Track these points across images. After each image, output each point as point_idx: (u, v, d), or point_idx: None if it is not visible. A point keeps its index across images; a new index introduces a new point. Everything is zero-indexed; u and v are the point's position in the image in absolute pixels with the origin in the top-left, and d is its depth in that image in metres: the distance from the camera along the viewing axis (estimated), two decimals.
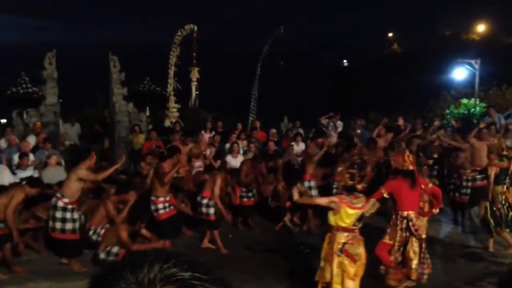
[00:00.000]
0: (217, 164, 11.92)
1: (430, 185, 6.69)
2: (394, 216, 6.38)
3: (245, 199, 9.82)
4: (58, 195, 7.34)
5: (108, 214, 7.54)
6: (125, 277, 0.81)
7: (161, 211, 8.17)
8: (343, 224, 5.32)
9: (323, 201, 5.72)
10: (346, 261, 5.29)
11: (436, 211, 6.81)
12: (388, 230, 6.41)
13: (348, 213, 5.28)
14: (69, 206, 7.24)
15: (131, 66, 15.76)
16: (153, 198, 8.18)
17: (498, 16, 39.60)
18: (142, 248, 7.09)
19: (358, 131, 14.44)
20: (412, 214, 6.22)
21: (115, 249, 7.22)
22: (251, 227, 9.81)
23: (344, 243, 5.30)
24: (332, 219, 5.39)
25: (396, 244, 6.24)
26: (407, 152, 6.69)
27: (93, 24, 52.28)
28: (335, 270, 5.32)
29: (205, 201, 8.33)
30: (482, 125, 10.27)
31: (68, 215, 7.23)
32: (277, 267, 6.95)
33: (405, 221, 6.22)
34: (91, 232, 7.62)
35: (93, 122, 14.39)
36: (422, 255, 6.29)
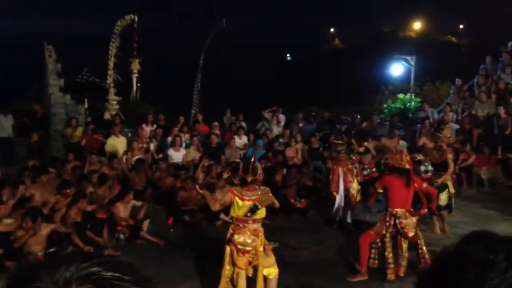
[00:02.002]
0: (159, 157, 11.77)
1: (424, 185, 6.86)
2: (385, 212, 6.56)
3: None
4: None
5: None
6: (41, 277, 0.79)
7: None
8: (234, 215, 5.54)
9: (216, 207, 5.87)
10: (234, 252, 5.47)
11: (424, 211, 6.99)
12: (377, 224, 6.58)
13: (238, 204, 5.47)
14: None
15: (68, 57, 15.21)
16: None
17: (433, 15, 41.30)
18: None
19: (300, 124, 14.68)
20: (400, 212, 6.36)
21: None
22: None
23: (233, 234, 5.50)
24: (231, 210, 5.61)
25: (386, 239, 6.40)
26: (405, 151, 6.91)
27: (27, 12, 49.91)
28: (227, 258, 5.53)
29: None
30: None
31: None
32: (219, 261, 6.95)
33: (393, 218, 6.38)
34: None
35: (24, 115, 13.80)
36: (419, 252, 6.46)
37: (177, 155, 11.78)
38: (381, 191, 6.71)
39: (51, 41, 14.14)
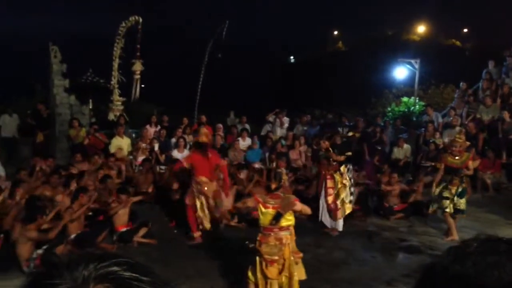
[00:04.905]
0: (162, 158, 11.79)
1: (223, 162, 8.51)
2: (192, 182, 7.89)
3: None
4: None
5: None
6: (61, 274, 0.81)
7: None
8: (261, 223, 5.43)
9: (239, 205, 6.91)
10: (264, 262, 5.34)
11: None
12: (187, 196, 7.94)
13: (262, 211, 5.39)
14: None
15: (73, 57, 15.27)
16: None
17: (437, 18, 41.24)
18: None
19: (305, 127, 14.67)
20: (204, 179, 7.76)
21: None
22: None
23: (261, 243, 5.36)
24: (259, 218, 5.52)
25: (197, 204, 7.79)
26: (204, 129, 8.68)
27: (32, 12, 50.07)
28: (257, 268, 5.39)
29: None
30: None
31: None
32: (221, 262, 6.96)
33: (198, 185, 7.76)
34: None
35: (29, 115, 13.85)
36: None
37: (181, 156, 11.78)
38: (188, 166, 7.89)
39: (57, 42, 14.21)
